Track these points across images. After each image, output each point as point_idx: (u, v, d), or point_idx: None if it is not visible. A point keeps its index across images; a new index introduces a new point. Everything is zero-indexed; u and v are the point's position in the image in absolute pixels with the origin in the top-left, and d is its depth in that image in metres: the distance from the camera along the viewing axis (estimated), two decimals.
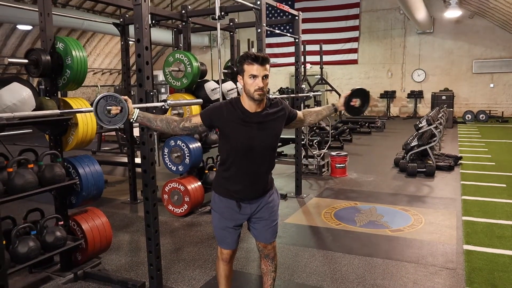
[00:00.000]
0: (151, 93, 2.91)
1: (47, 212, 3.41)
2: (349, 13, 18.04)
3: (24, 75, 11.57)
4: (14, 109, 2.76)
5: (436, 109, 11.37)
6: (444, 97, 16.04)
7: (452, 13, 15.16)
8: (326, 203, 5.45)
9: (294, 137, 6.05)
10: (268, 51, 16.54)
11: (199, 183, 5.09)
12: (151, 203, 3.01)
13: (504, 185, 6.07)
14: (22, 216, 3.32)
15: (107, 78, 20.06)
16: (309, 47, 14.13)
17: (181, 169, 5.08)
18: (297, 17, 5.65)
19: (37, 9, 3.24)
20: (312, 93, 6.44)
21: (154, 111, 2.90)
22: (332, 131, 9.21)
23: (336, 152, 7.27)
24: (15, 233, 2.94)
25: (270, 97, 2.42)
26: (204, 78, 5.53)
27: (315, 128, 8.86)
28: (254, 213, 2.48)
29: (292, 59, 6.20)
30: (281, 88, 16.12)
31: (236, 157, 2.35)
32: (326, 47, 16.00)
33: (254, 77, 2.19)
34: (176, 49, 5.90)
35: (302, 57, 9.29)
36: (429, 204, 5.30)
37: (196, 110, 4.98)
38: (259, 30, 4.69)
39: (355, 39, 18.25)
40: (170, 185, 4.98)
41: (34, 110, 2.92)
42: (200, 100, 3.70)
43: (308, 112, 2.67)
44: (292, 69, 6.37)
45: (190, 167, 5.06)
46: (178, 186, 4.91)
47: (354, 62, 18.46)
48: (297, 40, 5.75)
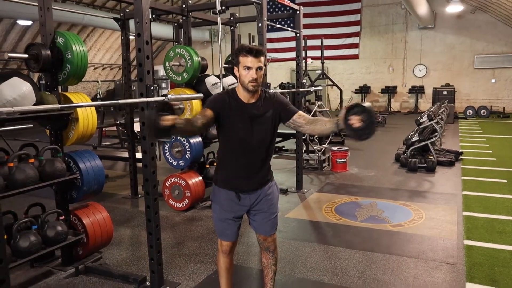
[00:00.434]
0: (152, 88, 2.90)
1: (48, 207, 3.42)
2: (351, 8, 17.97)
3: (25, 70, 11.55)
4: (15, 104, 2.75)
5: (437, 105, 11.35)
6: (445, 93, 16.00)
7: (454, 8, 15.10)
8: (327, 198, 5.46)
9: (295, 132, 6.05)
10: (269, 46, 16.49)
11: (200, 178, 5.09)
12: (152, 198, 3.01)
13: (505, 181, 6.06)
14: (23, 211, 3.32)
15: (108, 73, 20.05)
16: (310, 42, 14.10)
17: (182, 164, 5.08)
18: (298, 12, 5.63)
19: (37, 4, 3.22)
20: (313, 88, 6.43)
21: (156, 105, 2.90)
22: None
23: (337, 147, 7.27)
24: (16, 228, 2.94)
25: (267, 90, 2.45)
26: (205, 73, 5.52)
27: None
28: (254, 205, 2.50)
29: (293, 54, 6.18)
30: (282, 83, 16.11)
31: (233, 148, 2.40)
32: (327, 42, 15.95)
33: (248, 69, 2.25)
34: (177, 44, 5.88)
35: (303, 52, 9.27)
36: (430, 199, 5.30)
37: (197, 105, 4.98)
38: (260, 25, 4.67)
39: (356, 34, 18.18)
40: (171, 180, 4.98)
41: (35, 105, 2.91)
42: (201, 95, 3.70)
43: (313, 122, 2.39)
44: (293, 64, 6.36)
45: (191, 162, 5.06)
46: (179, 181, 4.92)
47: (355, 57, 18.40)
48: (298, 35, 5.73)
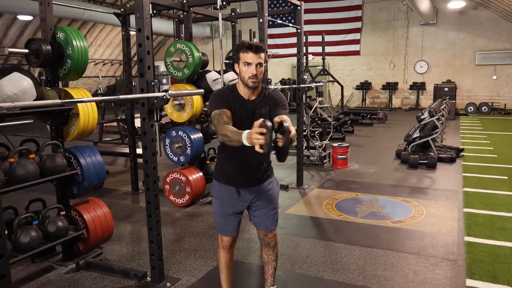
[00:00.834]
0: (152, 83, 2.89)
1: (49, 202, 3.42)
2: (352, 4, 17.91)
3: (25, 65, 11.55)
4: (15, 99, 2.75)
5: (439, 101, 11.33)
6: (447, 89, 15.97)
7: (456, 4, 15.04)
8: (328, 194, 5.46)
9: (296, 128, 6.03)
10: (270, 42, 16.46)
11: (201, 174, 5.09)
12: (153, 194, 3.01)
13: (506, 177, 6.06)
14: (24, 206, 3.33)
15: (108, 69, 20.03)
16: (311, 38, 14.04)
17: (183, 160, 5.08)
18: (299, 7, 5.61)
19: None
20: (314, 84, 6.41)
21: (156, 101, 2.89)
22: (334, 122, 9.18)
23: (338, 143, 7.27)
24: (17, 223, 2.95)
25: (268, 87, 2.44)
26: (206, 69, 5.51)
27: (317, 119, 8.84)
28: (254, 201, 2.50)
29: (294, 50, 6.17)
30: (283, 79, 16.09)
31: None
32: (328, 38, 15.93)
33: (248, 65, 2.25)
34: (178, 39, 5.87)
35: (304, 48, 9.24)
36: (431, 196, 5.30)
37: (198, 101, 4.97)
38: (261, 20, 4.65)
39: (358, 30, 18.12)
40: (172, 176, 4.98)
41: (35, 100, 2.91)
42: (202, 91, 3.68)
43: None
44: (294, 60, 6.34)
45: (192, 158, 5.06)
46: (180, 177, 4.92)
47: (356, 53, 18.35)
48: (299, 31, 5.71)
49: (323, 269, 3.34)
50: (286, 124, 1.94)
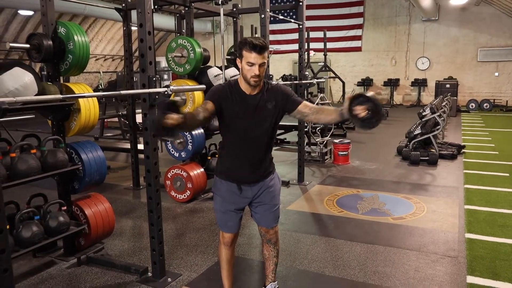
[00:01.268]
0: (154, 79, 2.89)
1: (50, 198, 3.42)
2: (354, 0, 17.83)
3: (27, 61, 11.55)
4: (16, 94, 2.75)
5: (440, 98, 11.31)
6: (448, 86, 15.93)
7: (458, 0, 14.95)
8: (329, 191, 5.46)
9: (297, 124, 6.03)
10: (272, 38, 16.40)
11: (202, 170, 5.09)
12: (154, 189, 3.01)
13: (507, 174, 6.05)
14: (26, 201, 3.33)
15: (110, 64, 20.01)
16: (313, 34, 13.99)
17: (184, 156, 5.08)
18: (301, 3, 5.59)
19: None
20: (316, 80, 6.40)
21: (157, 97, 2.89)
22: None
23: (339, 140, 7.26)
24: (19, 218, 2.95)
25: (269, 82, 2.43)
26: (207, 64, 5.50)
27: None
28: (255, 197, 2.49)
29: (296, 46, 6.14)
30: (284, 75, 16.05)
31: (235, 139, 2.39)
32: (330, 34, 15.87)
33: (251, 65, 2.21)
34: (179, 35, 5.85)
35: (306, 44, 9.22)
36: (432, 193, 5.30)
37: (199, 96, 4.96)
38: (263, 16, 4.64)
39: (359, 26, 18.07)
40: (173, 171, 4.99)
41: (37, 95, 2.91)
42: (203, 86, 3.67)
43: (318, 111, 2.37)
44: (296, 56, 6.33)
45: (193, 154, 5.06)
46: (181, 172, 4.92)
47: (358, 50, 18.31)
48: (301, 27, 5.69)
49: (324, 265, 3.34)
50: (369, 94, 2.10)
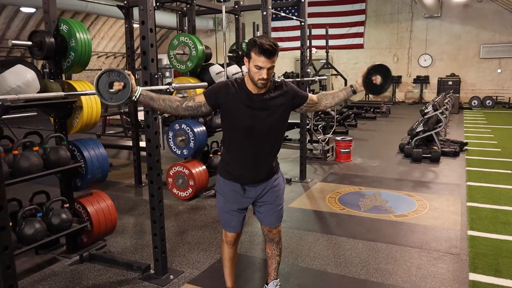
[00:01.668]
0: (156, 76, 2.89)
1: (53, 195, 3.43)
2: None
3: (29, 58, 11.56)
4: (19, 92, 2.75)
5: (442, 95, 11.28)
6: (451, 83, 15.87)
7: None
8: (331, 188, 5.45)
9: (299, 122, 6.03)
10: (274, 35, 16.33)
11: (204, 167, 5.09)
12: (156, 186, 3.01)
13: (510, 171, 6.03)
14: (28, 199, 3.34)
15: (112, 62, 19.99)
16: (315, 31, 13.93)
17: (186, 153, 5.08)
18: (303, 0, 5.57)
19: None
20: (318, 78, 6.39)
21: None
22: (337, 116, 9.16)
23: (341, 137, 7.25)
24: (21, 215, 2.96)
25: (275, 80, 2.39)
26: (209, 62, 5.50)
27: (320, 113, 8.81)
28: (259, 197, 2.47)
29: (298, 43, 6.13)
30: (286, 72, 16.03)
31: (238, 139, 2.34)
32: (332, 31, 15.80)
33: (260, 68, 2.17)
34: (181, 32, 5.85)
35: (308, 41, 9.19)
36: (434, 190, 5.29)
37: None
38: (265, 13, 4.63)
39: (361, 23, 18.00)
40: (175, 169, 4.99)
41: (39, 93, 2.91)
42: (205, 84, 3.68)
43: (324, 95, 2.52)
44: (298, 53, 6.31)
45: (195, 151, 5.07)
46: (183, 170, 4.92)
47: (360, 47, 18.24)
48: (303, 24, 5.68)
49: (326, 263, 3.34)
50: (374, 65, 2.47)
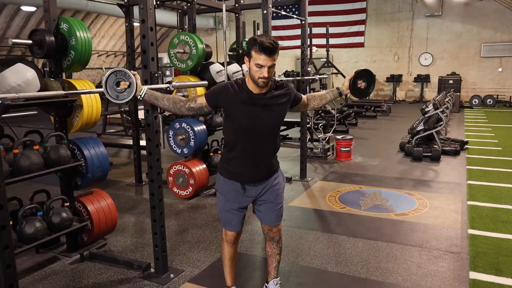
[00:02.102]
0: (156, 75, 2.88)
1: (53, 194, 3.43)
2: None
3: (29, 57, 11.56)
4: (19, 90, 2.75)
5: (443, 93, 11.26)
6: (451, 81, 15.86)
7: None
8: (331, 187, 5.45)
9: (299, 120, 6.02)
10: (274, 34, 16.33)
11: (204, 166, 5.09)
12: (156, 185, 3.01)
13: (510, 170, 6.03)
14: (29, 197, 3.34)
15: (112, 61, 19.99)
16: (315, 30, 13.96)
17: (186, 152, 5.08)
18: None
19: None
20: (318, 76, 6.38)
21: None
22: (338, 115, 9.16)
23: (341, 136, 7.24)
24: (22, 214, 2.96)
25: (276, 79, 2.41)
26: (209, 60, 5.49)
27: (321, 112, 8.81)
28: (259, 196, 2.48)
29: (298, 42, 6.12)
30: (287, 71, 16.02)
31: (240, 138, 2.36)
32: (332, 30, 15.79)
33: (260, 67, 2.17)
34: (181, 31, 5.84)
35: (308, 40, 9.19)
36: (434, 189, 5.29)
37: (201, 92, 4.95)
38: (265, 12, 4.62)
39: (362, 22, 17.99)
40: (175, 168, 4.99)
41: (39, 91, 2.91)
42: (205, 82, 3.68)
43: (312, 96, 2.64)
44: (298, 52, 6.31)
45: (195, 150, 5.06)
46: (183, 169, 4.92)
47: (361, 45, 18.23)
48: (303, 22, 5.67)
49: (327, 261, 3.34)
50: (359, 70, 2.68)
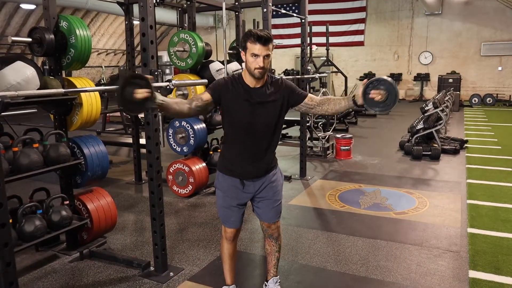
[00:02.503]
0: (156, 73, 2.88)
1: (53, 192, 3.43)
2: None
3: (29, 55, 11.56)
4: (18, 88, 2.74)
5: (443, 92, 11.26)
6: (451, 80, 15.86)
7: None
8: (331, 185, 5.45)
9: (299, 119, 6.02)
10: (274, 32, 16.31)
11: (204, 164, 5.09)
12: (156, 184, 3.01)
13: (510, 169, 6.03)
14: (28, 196, 3.34)
15: (112, 59, 19.97)
16: (315, 28, 13.91)
17: (186, 150, 5.08)
18: None
19: None
20: (318, 75, 6.38)
21: (159, 91, 2.88)
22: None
23: (341, 135, 7.24)
24: (22, 212, 2.96)
25: (273, 76, 2.43)
26: (209, 59, 5.48)
27: None
28: (258, 192, 2.49)
29: (298, 41, 6.12)
30: (286, 70, 16.00)
31: (238, 134, 2.38)
32: (332, 28, 15.76)
33: (256, 56, 2.21)
34: (181, 29, 5.83)
35: (308, 39, 9.19)
36: (434, 187, 5.29)
37: (201, 91, 4.95)
38: (265, 10, 4.62)
39: (362, 21, 17.97)
40: (175, 166, 4.99)
41: (39, 89, 2.90)
42: (205, 81, 3.67)
43: (327, 100, 2.43)
44: (298, 51, 6.30)
45: (195, 148, 5.06)
46: (183, 167, 4.92)
47: (361, 44, 18.22)
48: (303, 21, 5.66)
49: (326, 260, 3.34)
50: (384, 77, 2.28)
